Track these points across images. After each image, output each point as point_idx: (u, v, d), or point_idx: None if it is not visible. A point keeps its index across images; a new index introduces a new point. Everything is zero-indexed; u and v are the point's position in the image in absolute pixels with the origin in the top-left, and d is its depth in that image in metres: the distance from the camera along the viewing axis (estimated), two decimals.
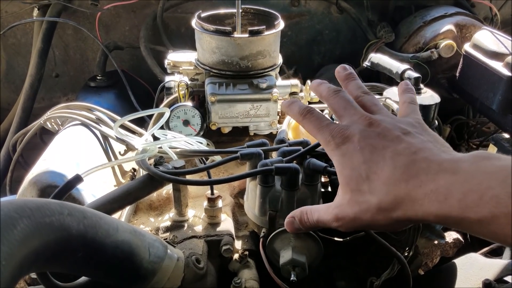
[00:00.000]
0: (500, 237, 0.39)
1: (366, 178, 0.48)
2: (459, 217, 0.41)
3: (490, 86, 1.25)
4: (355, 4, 1.63)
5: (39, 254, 0.39)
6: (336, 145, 0.52)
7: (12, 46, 1.67)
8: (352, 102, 0.56)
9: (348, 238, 0.74)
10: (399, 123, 0.53)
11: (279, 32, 0.99)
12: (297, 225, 0.58)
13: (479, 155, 0.44)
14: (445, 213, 0.42)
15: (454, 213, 0.41)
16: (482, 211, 0.39)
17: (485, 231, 0.40)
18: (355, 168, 0.49)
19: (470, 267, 0.84)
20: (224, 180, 0.73)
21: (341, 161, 0.51)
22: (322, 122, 0.55)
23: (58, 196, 0.62)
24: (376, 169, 0.48)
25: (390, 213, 0.46)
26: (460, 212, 0.41)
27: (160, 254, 0.57)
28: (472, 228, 0.42)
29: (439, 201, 0.42)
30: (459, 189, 0.41)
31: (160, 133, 0.80)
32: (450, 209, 0.41)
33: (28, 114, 1.45)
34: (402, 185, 0.45)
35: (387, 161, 0.47)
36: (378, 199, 0.47)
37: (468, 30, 1.46)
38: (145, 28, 1.54)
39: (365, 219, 0.48)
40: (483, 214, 0.39)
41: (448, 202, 0.42)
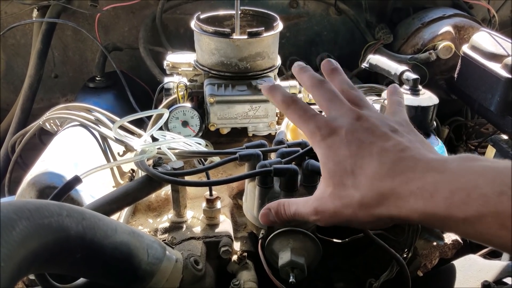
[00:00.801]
0: (486, 237, 0.39)
1: (351, 172, 0.47)
2: (445, 216, 0.40)
3: (488, 88, 1.25)
4: (354, 6, 1.64)
5: (38, 256, 0.39)
6: (322, 137, 0.50)
7: (11, 47, 1.67)
8: (339, 95, 0.55)
9: (347, 240, 0.74)
10: (387, 120, 0.52)
11: (277, 33, 0.99)
12: (272, 218, 0.56)
13: (467, 156, 0.43)
14: (430, 211, 0.41)
15: (440, 211, 0.40)
16: (469, 209, 0.38)
17: (471, 231, 0.40)
18: (340, 161, 0.48)
19: (469, 269, 0.84)
20: (223, 181, 0.73)
21: (326, 154, 0.50)
22: (308, 112, 0.53)
23: (57, 197, 0.62)
24: (362, 164, 0.47)
25: (372, 209, 0.46)
26: (446, 210, 0.40)
27: (159, 256, 0.57)
28: (458, 228, 0.41)
29: (425, 198, 0.41)
30: (446, 187, 0.41)
31: (159, 134, 0.81)
32: (436, 207, 0.41)
33: (27, 115, 1.45)
34: (388, 181, 0.45)
35: (374, 156, 0.47)
36: (361, 194, 0.46)
37: (466, 32, 1.46)
38: (144, 29, 1.54)
39: (346, 214, 0.47)
40: (470, 213, 0.38)
41: (434, 200, 0.41)
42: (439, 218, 0.41)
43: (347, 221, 0.49)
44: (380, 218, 0.46)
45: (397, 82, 1.04)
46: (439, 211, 0.41)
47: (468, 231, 0.40)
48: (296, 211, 0.54)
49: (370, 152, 0.47)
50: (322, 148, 0.50)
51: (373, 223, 0.47)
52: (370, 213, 0.46)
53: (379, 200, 0.45)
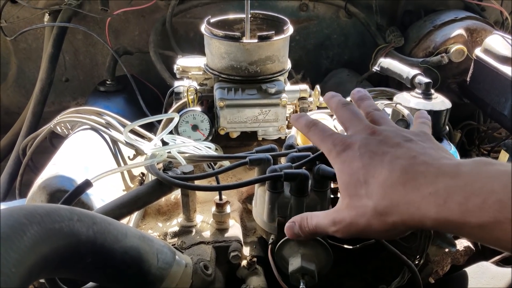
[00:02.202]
0: (503, 243, 0.38)
1: (364, 182, 0.48)
2: (459, 222, 0.40)
3: (501, 91, 1.24)
4: (364, 9, 1.63)
5: (49, 260, 0.39)
6: (337, 153, 0.52)
7: (23, 51, 1.69)
8: (359, 114, 0.58)
9: (358, 246, 0.73)
10: (402, 132, 0.53)
11: (288, 37, 0.99)
12: (296, 231, 0.57)
13: (480, 160, 0.43)
14: (444, 217, 0.41)
15: (454, 217, 0.40)
16: (485, 215, 0.38)
17: (487, 236, 0.39)
18: (353, 173, 0.49)
19: (481, 276, 0.83)
20: (233, 186, 0.73)
21: (341, 168, 0.52)
22: (325, 132, 0.56)
23: (67, 201, 0.62)
24: (374, 173, 0.48)
25: (386, 217, 0.46)
26: (460, 216, 0.39)
27: (169, 260, 0.57)
28: (473, 234, 0.40)
29: (438, 204, 0.41)
30: (460, 192, 0.40)
31: (169, 138, 0.81)
32: (450, 213, 0.40)
33: (38, 118, 1.46)
34: (399, 188, 0.45)
35: (385, 164, 0.47)
36: (374, 202, 0.46)
37: (479, 35, 1.45)
38: (154, 33, 1.55)
39: (361, 223, 0.48)
40: (485, 219, 0.38)
41: (448, 205, 0.40)
42: (453, 224, 0.40)
43: (363, 231, 0.49)
44: (395, 226, 0.46)
45: (409, 85, 1.02)
46: (453, 217, 0.40)
47: (484, 237, 0.39)
48: (317, 223, 0.55)
49: (381, 161, 0.48)
50: (337, 163, 0.52)
51: (389, 232, 0.47)
52: (385, 221, 0.46)
53: (392, 207, 0.45)
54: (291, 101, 1.04)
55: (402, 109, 0.92)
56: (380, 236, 0.50)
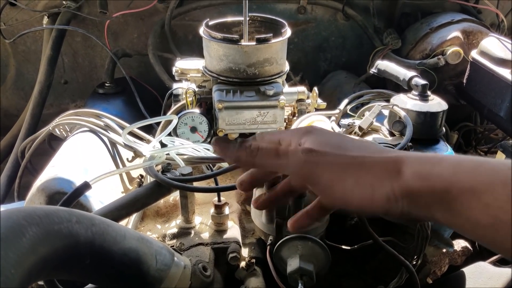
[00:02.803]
0: (491, 210, 0.36)
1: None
2: (450, 181, 0.38)
3: (497, 93, 1.24)
4: (362, 11, 1.63)
5: (48, 262, 0.39)
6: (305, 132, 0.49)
7: (22, 53, 1.69)
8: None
9: (356, 246, 0.74)
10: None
11: (286, 39, 0.99)
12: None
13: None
14: (435, 174, 0.40)
15: (446, 175, 0.39)
16: (478, 178, 0.37)
17: (475, 203, 0.37)
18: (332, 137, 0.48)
19: (479, 276, 0.83)
20: (231, 187, 0.73)
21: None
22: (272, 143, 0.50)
23: (66, 203, 0.62)
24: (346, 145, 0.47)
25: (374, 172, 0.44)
26: (452, 175, 0.39)
27: (167, 262, 0.57)
28: (461, 198, 0.38)
29: (431, 163, 0.41)
30: (454, 158, 0.41)
31: (167, 140, 0.81)
32: (441, 171, 0.39)
33: (37, 121, 1.46)
34: (394, 152, 0.45)
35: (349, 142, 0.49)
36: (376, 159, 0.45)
37: (475, 37, 1.45)
38: (153, 36, 1.55)
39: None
40: (478, 181, 0.37)
41: (441, 165, 0.40)
42: (443, 185, 0.39)
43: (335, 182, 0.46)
44: (381, 184, 0.43)
45: (406, 87, 1.03)
46: (444, 175, 0.39)
47: (472, 204, 0.37)
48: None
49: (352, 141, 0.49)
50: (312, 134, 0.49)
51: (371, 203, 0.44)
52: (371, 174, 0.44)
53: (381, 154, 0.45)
54: (289, 103, 1.04)
55: (399, 111, 0.93)
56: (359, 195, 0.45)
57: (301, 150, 0.46)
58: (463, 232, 0.40)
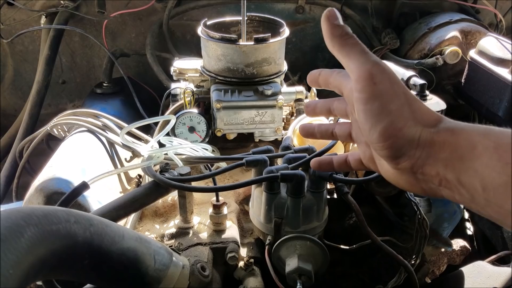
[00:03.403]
0: (509, 168, 0.37)
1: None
2: (477, 140, 0.40)
3: (496, 93, 1.24)
4: (360, 11, 1.63)
5: (46, 262, 0.39)
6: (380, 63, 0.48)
7: (19, 53, 1.68)
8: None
9: (355, 246, 0.74)
10: None
11: (284, 39, 0.99)
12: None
13: None
14: (466, 131, 0.42)
15: (475, 134, 0.41)
16: (504, 139, 0.39)
17: (495, 161, 0.38)
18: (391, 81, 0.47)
19: (477, 275, 0.83)
20: (230, 187, 0.73)
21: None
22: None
23: (64, 203, 0.62)
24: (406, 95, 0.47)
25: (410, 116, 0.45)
26: (483, 135, 0.41)
27: (166, 262, 0.57)
28: (483, 156, 0.39)
29: (467, 125, 0.43)
30: (482, 126, 0.43)
31: (166, 140, 0.81)
32: (473, 129, 0.42)
33: (34, 121, 1.46)
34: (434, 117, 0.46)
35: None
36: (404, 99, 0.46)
37: (473, 37, 1.46)
38: (151, 36, 1.55)
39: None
40: (503, 142, 0.39)
41: (475, 127, 0.42)
42: (469, 142, 0.41)
43: (387, 101, 0.46)
44: (413, 127, 0.45)
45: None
46: (474, 133, 0.41)
47: (493, 161, 0.39)
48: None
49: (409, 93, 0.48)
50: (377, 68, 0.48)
51: (402, 127, 0.45)
52: (411, 117, 0.45)
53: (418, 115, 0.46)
54: (288, 103, 1.04)
55: None
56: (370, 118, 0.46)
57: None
58: (468, 198, 0.41)
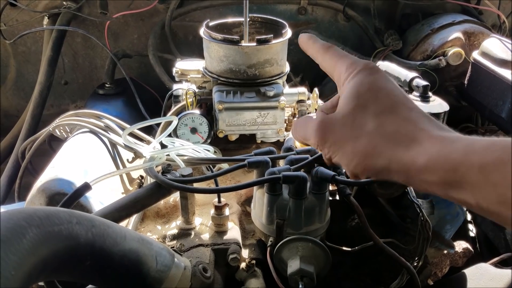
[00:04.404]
0: (499, 189, 0.36)
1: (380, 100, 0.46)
2: (459, 161, 0.38)
3: (499, 94, 1.24)
4: (362, 12, 1.63)
5: (48, 263, 0.39)
6: (363, 68, 0.48)
7: (22, 54, 1.69)
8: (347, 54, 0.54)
9: (357, 248, 0.73)
10: None
11: (286, 40, 0.99)
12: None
13: None
14: (443, 154, 0.39)
15: (455, 156, 0.39)
16: (488, 155, 0.37)
17: (482, 180, 0.37)
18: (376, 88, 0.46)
19: (480, 278, 0.83)
20: (232, 188, 0.73)
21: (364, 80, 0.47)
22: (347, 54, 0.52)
23: (66, 204, 0.62)
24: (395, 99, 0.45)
25: (382, 141, 0.43)
26: (463, 154, 0.38)
27: (167, 263, 0.57)
28: (469, 178, 0.38)
29: (444, 144, 0.40)
30: (468, 139, 0.40)
31: (168, 141, 0.81)
32: (452, 151, 0.39)
33: (37, 121, 1.46)
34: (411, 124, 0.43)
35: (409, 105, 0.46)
36: (381, 122, 0.44)
37: (476, 38, 1.45)
38: (153, 37, 1.55)
39: (348, 135, 0.46)
40: (489, 159, 0.37)
41: (454, 145, 0.39)
42: (451, 164, 0.39)
43: (343, 142, 0.46)
44: (380, 155, 0.43)
45: (407, 88, 1.03)
46: (454, 156, 0.39)
47: (479, 181, 0.37)
48: (299, 122, 0.54)
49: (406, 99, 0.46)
50: (362, 75, 0.48)
51: (366, 158, 0.44)
52: (374, 144, 0.44)
53: (393, 136, 0.43)
54: (290, 104, 1.04)
55: None
56: (353, 159, 0.46)
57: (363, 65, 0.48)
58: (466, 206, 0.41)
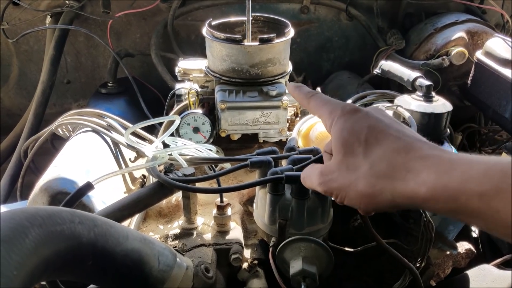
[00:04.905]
0: (502, 215, 0.36)
1: (364, 141, 0.47)
2: (458, 190, 0.38)
3: (502, 94, 1.23)
4: (365, 11, 1.63)
5: (50, 263, 0.39)
6: (343, 113, 0.50)
7: (24, 53, 1.69)
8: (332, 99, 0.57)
9: (359, 248, 0.73)
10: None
11: (289, 40, 0.99)
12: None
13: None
14: (442, 185, 0.39)
15: (453, 185, 0.39)
16: (486, 183, 0.37)
17: (484, 207, 0.37)
18: (356, 131, 0.48)
19: (482, 279, 0.83)
20: (234, 188, 0.73)
21: (343, 126, 0.49)
22: (331, 99, 0.55)
23: (69, 204, 0.62)
24: (377, 135, 0.46)
25: (377, 181, 0.44)
26: (460, 183, 0.38)
27: (170, 263, 0.57)
28: (470, 205, 0.38)
29: (440, 172, 0.40)
30: (465, 161, 0.39)
31: (170, 140, 0.81)
32: (450, 179, 0.39)
33: (39, 120, 1.47)
34: (402, 155, 0.44)
35: (392, 133, 0.46)
36: (371, 163, 0.45)
37: (480, 37, 1.45)
38: (156, 36, 1.55)
39: (347, 180, 0.47)
40: (488, 187, 0.36)
41: (450, 173, 0.39)
42: (451, 193, 0.39)
43: (345, 188, 0.47)
44: (382, 192, 0.44)
45: (410, 88, 1.02)
46: (452, 185, 0.39)
47: (481, 208, 0.37)
48: (305, 175, 0.55)
49: (388, 128, 0.47)
50: (340, 121, 0.50)
51: (370, 199, 0.45)
52: (373, 183, 0.45)
53: (388, 171, 0.44)
54: (292, 104, 1.04)
55: (403, 112, 0.92)
56: (361, 201, 0.47)
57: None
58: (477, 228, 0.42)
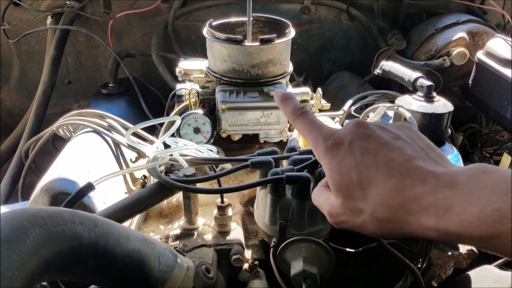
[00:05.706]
0: (505, 252, 0.37)
1: (358, 183, 0.46)
2: (459, 233, 0.39)
3: (504, 95, 1.23)
4: (366, 12, 1.63)
5: (51, 264, 0.39)
6: (326, 148, 0.49)
7: (25, 53, 1.69)
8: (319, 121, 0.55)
9: (360, 249, 0.73)
10: (386, 126, 0.51)
11: (289, 40, 0.99)
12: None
13: (477, 168, 0.41)
14: (443, 228, 0.40)
15: (453, 229, 0.39)
16: (483, 227, 0.37)
17: (487, 246, 0.38)
18: (345, 172, 0.47)
19: (484, 280, 0.82)
20: (235, 189, 0.73)
21: (330, 165, 0.49)
22: (314, 123, 0.54)
23: (69, 204, 0.62)
24: (368, 175, 0.46)
25: (384, 223, 0.45)
26: (459, 227, 0.39)
27: (170, 263, 0.56)
28: (474, 244, 0.40)
29: (437, 215, 0.40)
30: (459, 203, 0.39)
31: (171, 141, 0.81)
32: (449, 223, 0.39)
33: (40, 121, 1.47)
34: (397, 196, 0.43)
35: (380, 167, 0.45)
36: (372, 208, 0.45)
37: (481, 38, 1.45)
38: (157, 36, 1.55)
39: (356, 223, 0.47)
40: (484, 230, 0.37)
41: (447, 217, 0.39)
42: (453, 234, 0.40)
43: (357, 229, 0.48)
44: (392, 232, 0.45)
45: (411, 88, 1.02)
46: (452, 229, 0.39)
47: (485, 246, 0.39)
48: (318, 205, 0.54)
49: (376, 162, 0.46)
50: (326, 159, 0.50)
51: (384, 236, 0.47)
52: (382, 226, 0.45)
53: (390, 216, 0.44)
54: None
55: (404, 112, 0.92)
56: (375, 236, 0.51)
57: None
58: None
